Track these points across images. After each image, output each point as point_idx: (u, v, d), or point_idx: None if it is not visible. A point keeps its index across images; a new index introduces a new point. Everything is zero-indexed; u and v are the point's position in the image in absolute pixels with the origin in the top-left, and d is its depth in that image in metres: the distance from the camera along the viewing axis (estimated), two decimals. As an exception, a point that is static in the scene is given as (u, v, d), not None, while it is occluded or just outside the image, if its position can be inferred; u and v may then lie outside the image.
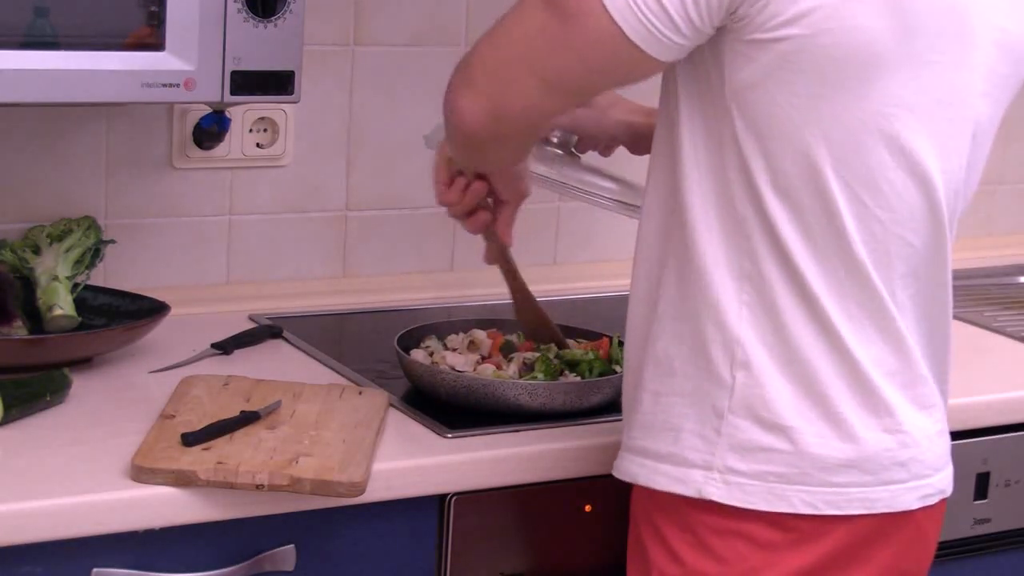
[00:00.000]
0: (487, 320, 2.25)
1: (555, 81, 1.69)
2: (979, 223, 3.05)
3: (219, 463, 1.77)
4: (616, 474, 1.82)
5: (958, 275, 1.81)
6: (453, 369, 2.08)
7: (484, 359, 2.13)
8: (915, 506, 1.78)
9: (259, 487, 1.75)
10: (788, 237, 1.69)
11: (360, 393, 2.03)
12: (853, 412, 1.73)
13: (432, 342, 2.18)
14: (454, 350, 2.16)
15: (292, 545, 1.83)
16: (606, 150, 2.14)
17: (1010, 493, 2.25)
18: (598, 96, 2.10)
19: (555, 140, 2.09)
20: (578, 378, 2.09)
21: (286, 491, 1.75)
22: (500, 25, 1.71)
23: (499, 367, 2.10)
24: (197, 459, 1.77)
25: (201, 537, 1.78)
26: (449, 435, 1.95)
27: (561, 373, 2.10)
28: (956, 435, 1.88)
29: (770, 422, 1.71)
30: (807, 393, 1.72)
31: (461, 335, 2.20)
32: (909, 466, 1.77)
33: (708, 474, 1.73)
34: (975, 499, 2.22)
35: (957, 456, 1.86)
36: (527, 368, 2.10)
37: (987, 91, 1.75)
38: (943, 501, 1.84)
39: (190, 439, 1.81)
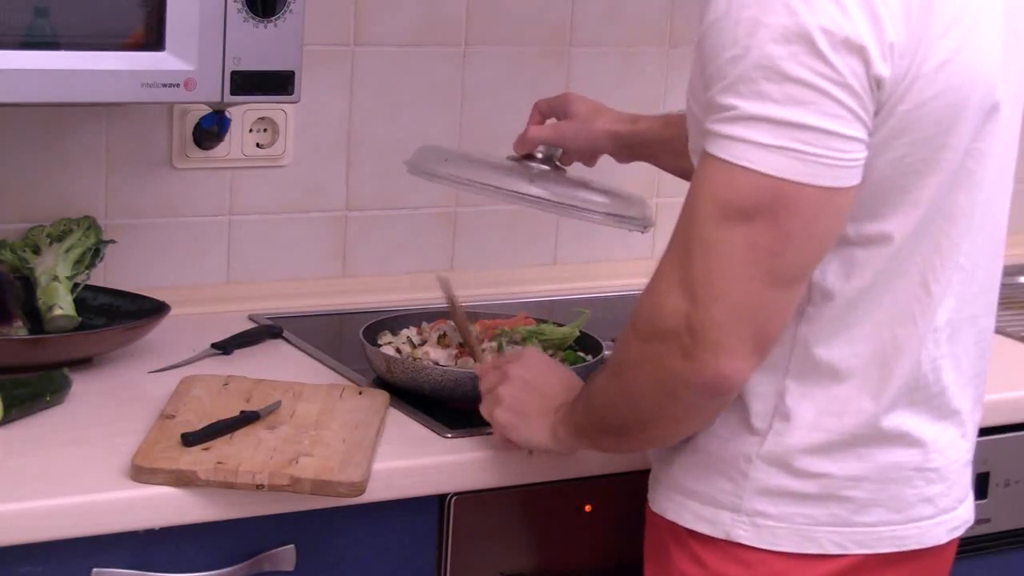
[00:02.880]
0: (435, 312, 2.26)
1: (795, 276, 1.58)
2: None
3: (219, 463, 1.77)
4: (651, 505, 1.81)
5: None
6: (437, 364, 2.08)
7: (459, 351, 2.13)
8: (944, 540, 1.78)
9: (259, 487, 1.75)
10: (866, 281, 1.66)
11: (360, 393, 2.03)
12: (885, 453, 1.72)
13: (389, 337, 2.19)
14: (422, 343, 2.16)
15: (292, 545, 1.82)
16: (590, 160, 2.13)
17: (1010, 493, 2.25)
18: (581, 107, 2.09)
19: (539, 156, 2.09)
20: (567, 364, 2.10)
21: (286, 491, 1.75)
22: (706, 276, 1.54)
23: (475, 358, 2.10)
24: (197, 459, 1.77)
25: (201, 537, 1.78)
26: (449, 435, 1.95)
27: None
28: (956, 435, 1.88)
29: (800, 470, 1.70)
30: (843, 441, 1.70)
31: (414, 329, 2.21)
32: (936, 501, 1.76)
33: (736, 516, 1.72)
34: (975, 499, 2.22)
35: (957, 456, 1.87)
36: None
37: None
38: None
39: (190, 439, 1.81)
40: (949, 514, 1.78)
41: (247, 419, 1.89)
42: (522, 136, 2.13)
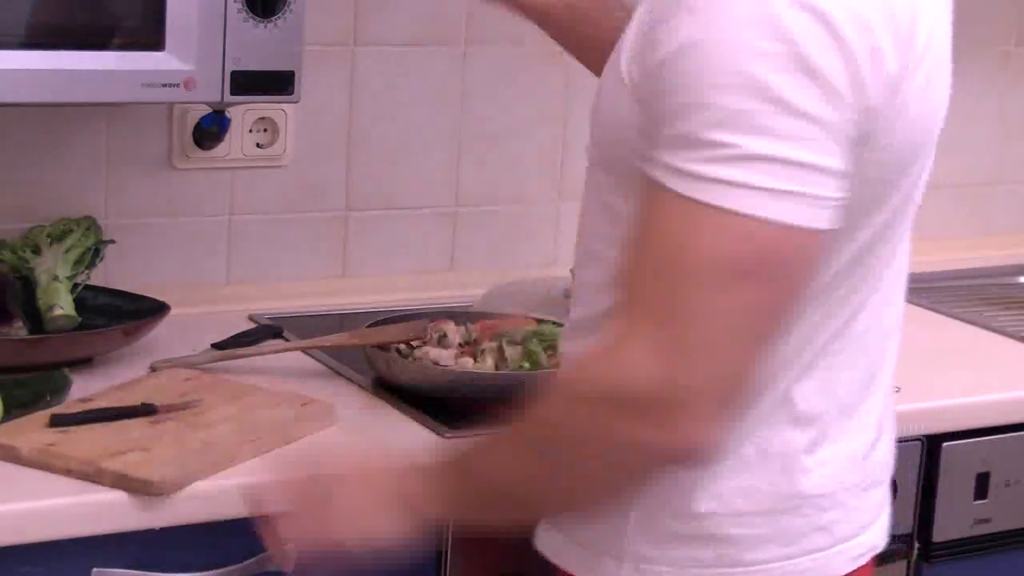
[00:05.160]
0: (435, 312, 2.26)
1: (778, 330, 1.44)
2: (979, 223, 3.05)
3: (49, 445, 1.76)
4: (535, 542, 1.67)
5: (958, 275, 1.79)
6: (436, 364, 2.08)
7: (459, 351, 2.14)
8: (846, 570, 1.63)
9: (68, 472, 1.74)
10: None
11: (304, 405, 1.96)
12: (770, 484, 1.57)
13: None
14: (423, 343, 2.16)
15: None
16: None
17: (1010, 493, 2.25)
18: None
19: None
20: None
21: (90, 481, 1.73)
22: (694, 344, 1.36)
23: (474, 358, 2.10)
24: (37, 439, 1.78)
25: (201, 537, 1.78)
26: (449, 435, 1.95)
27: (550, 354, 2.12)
28: (956, 435, 1.88)
29: (682, 510, 1.56)
30: (723, 471, 1.54)
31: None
32: (831, 530, 1.61)
33: (620, 564, 1.59)
34: (975, 499, 2.22)
35: (957, 456, 1.86)
36: (502, 357, 2.11)
37: None
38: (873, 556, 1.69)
39: (57, 420, 1.82)
40: (849, 543, 1.63)
41: (136, 411, 1.88)
42: None
